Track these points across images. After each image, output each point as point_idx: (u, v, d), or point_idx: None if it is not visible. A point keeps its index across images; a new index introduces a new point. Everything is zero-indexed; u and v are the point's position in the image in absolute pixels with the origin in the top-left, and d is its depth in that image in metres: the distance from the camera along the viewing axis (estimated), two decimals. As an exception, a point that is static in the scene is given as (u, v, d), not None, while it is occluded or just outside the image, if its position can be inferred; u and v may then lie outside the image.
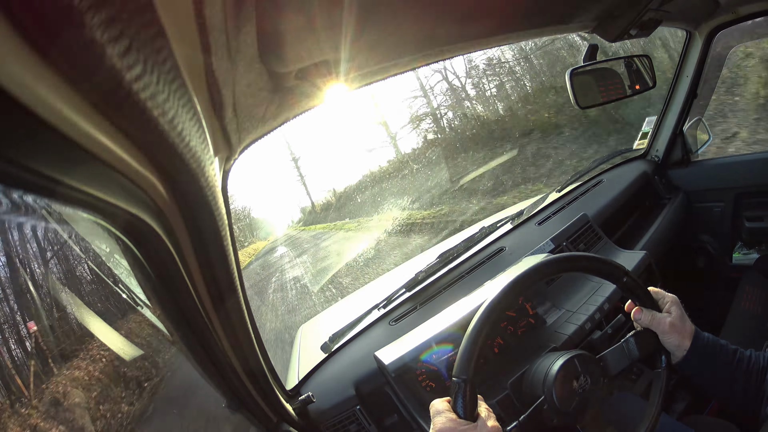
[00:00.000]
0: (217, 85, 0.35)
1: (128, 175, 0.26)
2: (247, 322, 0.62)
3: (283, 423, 0.82)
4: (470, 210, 7.18)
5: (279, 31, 0.40)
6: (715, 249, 1.67)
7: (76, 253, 4.99)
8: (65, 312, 4.74)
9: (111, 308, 4.94)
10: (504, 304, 0.67)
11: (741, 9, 1.18)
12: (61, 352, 4.40)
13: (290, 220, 30.80)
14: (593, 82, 1.08)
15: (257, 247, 23.77)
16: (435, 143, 9.92)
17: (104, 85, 0.18)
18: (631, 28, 0.97)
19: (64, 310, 4.76)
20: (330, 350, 1.13)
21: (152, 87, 0.20)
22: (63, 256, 5.16)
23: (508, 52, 9.01)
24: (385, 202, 11.68)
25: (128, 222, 0.31)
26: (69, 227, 0.42)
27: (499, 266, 1.24)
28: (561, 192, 1.64)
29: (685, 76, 1.45)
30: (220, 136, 0.45)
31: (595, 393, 0.69)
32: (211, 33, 0.30)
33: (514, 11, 0.72)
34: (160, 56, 0.20)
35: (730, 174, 1.53)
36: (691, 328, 0.73)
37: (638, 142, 1.75)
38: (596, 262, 0.74)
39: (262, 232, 28.98)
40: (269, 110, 0.54)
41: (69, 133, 0.19)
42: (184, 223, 0.37)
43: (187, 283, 0.43)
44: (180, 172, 0.30)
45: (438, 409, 0.62)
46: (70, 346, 4.45)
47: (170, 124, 0.24)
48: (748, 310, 1.35)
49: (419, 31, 0.59)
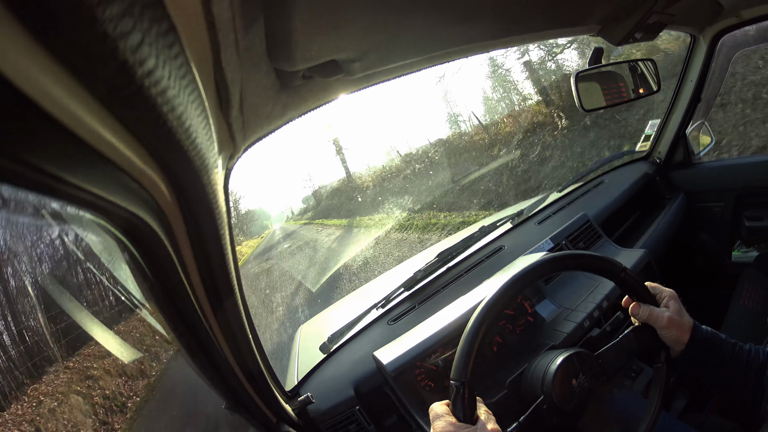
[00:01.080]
0: (224, 83, 0.35)
1: (131, 174, 0.26)
2: (245, 323, 0.61)
3: (283, 423, 0.82)
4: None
5: (287, 30, 0.40)
6: (714, 248, 1.68)
7: (74, 251, 4.96)
8: (60, 311, 4.71)
9: (108, 307, 4.92)
10: (501, 304, 0.67)
11: (745, 12, 1.19)
12: (58, 350, 4.38)
13: (288, 214, 30.77)
14: (598, 86, 1.08)
15: (252, 244, 23.67)
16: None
17: (115, 80, 0.18)
18: (636, 32, 0.96)
19: (59, 309, 4.74)
20: (329, 351, 1.12)
21: (163, 82, 0.20)
22: (60, 254, 5.13)
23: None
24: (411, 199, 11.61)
25: (128, 221, 0.30)
26: (67, 226, 0.41)
27: (497, 265, 1.25)
28: (562, 192, 1.64)
29: (690, 80, 1.45)
30: (225, 133, 0.45)
31: (595, 391, 0.69)
32: (220, 31, 0.29)
33: (519, 14, 0.72)
34: (172, 51, 0.20)
35: (731, 176, 1.54)
36: (689, 322, 0.73)
37: (641, 144, 1.76)
38: (593, 259, 0.74)
39: (257, 227, 28.92)
40: (275, 109, 0.54)
41: (75, 129, 0.19)
42: (184, 223, 0.36)
43: (185, 283, 0.43)
44: (184, 171, 0.29)
45: (437, 413, 0.62)
46: (64, 345, 4.43)
47: (179, 120, 0.23)
48: (747, 307, 1.36)
49: (425, 32, 0.59)
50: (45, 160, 0.19)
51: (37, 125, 0.17)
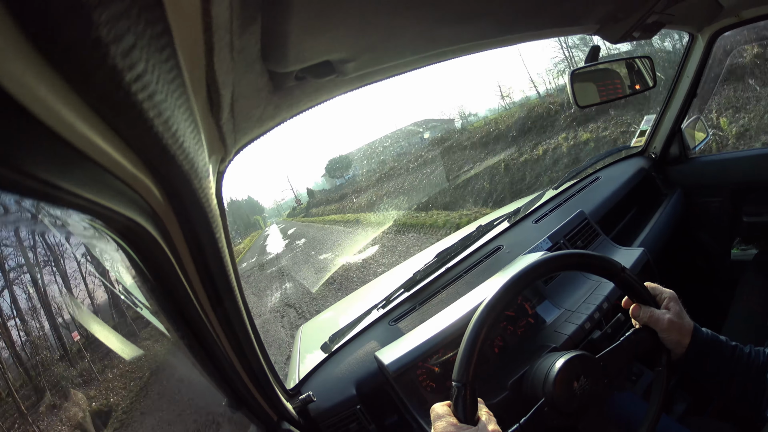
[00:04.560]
0: (216, 85, 0.35)
1: (123, 179, 0.26)
2: (246, 321, 0.62)
3: (284, 421, 0.82)
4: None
5: (283, 30, 0.40)
6: (713, 245, 1.67)
7: (73, 255, 4.97)
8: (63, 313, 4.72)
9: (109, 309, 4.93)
10: (501, 305, 0.67)
11: (744, 12, 1.18)
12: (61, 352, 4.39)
13: (285, 210, 30.58)
14: (593, 83, 1.08)
15: (247, 243, 23.37)
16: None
17: (104, 85, 0.18)
18: (635, 31, 0.96)
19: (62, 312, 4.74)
20: (330, 350, 1.13)
21: (151, 87, 0.20)
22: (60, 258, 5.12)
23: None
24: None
25: (124, 225, 0.31)
26: (66, 230, 0.42)
27: (496, 264, 1.25)
28: (558, 189, 1.63)
29: (686, 76, 1.45)
30: (216, 137, 0.45)
31: (596, 393, 0.69)
32: (216, 32, 0.29)
33: (517, 13, 0.71)
34: (162, 55, 0.20)
35: (728, 170, 1.53)
36: (690, 324, 0.73)
37: (636, 139, 1.75)
38: (592, 259, 0.74)
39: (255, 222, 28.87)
40: (267, 110, 0.53)
41: (65, 135, 0.19)
42: (180, 226, 0.37)
43: (185, 284, 0.43)
44: (174, 175, 0.29)
45: (438, 414, 0.62)
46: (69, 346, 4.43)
47: (165, 125, 0.23)
48: (747, 307, 1.35)
49: (420, 32, 0.58)
50: (36, 166, 0.19)
51: (27, 130, 0.17)
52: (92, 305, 4.92)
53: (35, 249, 5.02)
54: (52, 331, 4.53)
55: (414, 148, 18.63)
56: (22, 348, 4.32)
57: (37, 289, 4.83)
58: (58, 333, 4.56)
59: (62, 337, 4.55)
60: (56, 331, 4.57)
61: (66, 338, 4.52)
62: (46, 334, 4.49)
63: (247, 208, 35.38)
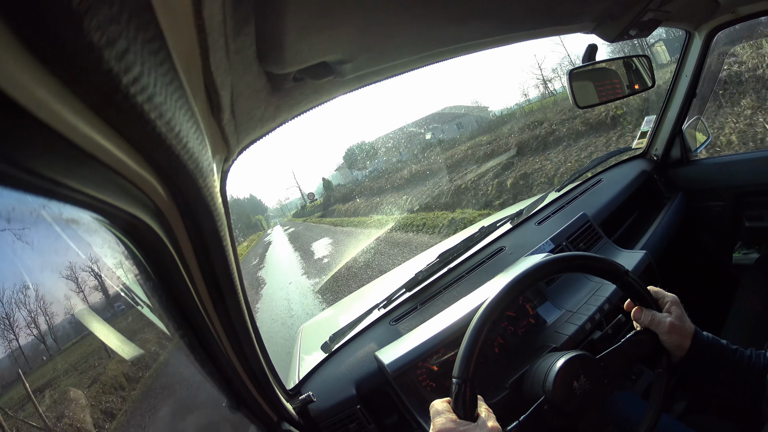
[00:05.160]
0: (214, 87, 0.35)
1: (127, 177, 0.26)
2: (247, 322, 0.62)
3: (284, 422, 0.82)
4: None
5: (278, 32, 0.40)
6: (715, 249, 1.66)
7: (76, 252, 4.98)
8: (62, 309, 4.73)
9: (110, 307, 4.94)
10: (503, 305, 0.68)
11: (741, 9, 1.18)
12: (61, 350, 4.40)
13: (287, 211, 30.01)
14: (592, 83, 1.08)
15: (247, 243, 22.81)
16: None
17: (102, 88, 0.18)
18: (631, 29, 0.96)
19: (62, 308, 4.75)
20: (330, 350, 1.13)
21: (149, 89, 0.20)
22: (62, 255, 5.14)
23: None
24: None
25: (128, 223, 0.31)
26: (69, 227, 0.42)
27: (499, 266, 1.24)
28: (560, 191, 1.63)
29: (684, 75, 1.45)
30: (219, 137, 0.45)
31: (595, 393, 0.69)
32: (210, 34, 0.30)
33: (513, 13, 0.72)
34: (157, 58, 0.20)
35: (730, 173, 1.52)
36: (691, 328, 0.73)
37: (637, 141, 1.75)
38: (596, 261, 0.74)
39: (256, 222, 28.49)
40: (267, 111, 0.54)
41: (68, 135, 0.19)
42: (184, 224, 0.37)
43: (187, 282, 0.43)
44: (178, 174, 0.30)
45: (438, 410, 0.62)
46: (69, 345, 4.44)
47: (167, 126, 0.24)
48: (748, 309, 1.34)
49: (418, 32, 0.59)
50: (41, 164, 0.20)
51: (30, 131, 0.18)
52: (91, 303, 4.94)
53: (38, 247, 5.02)
54: (49, 328, 4.54)
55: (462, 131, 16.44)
56: (19, 349, 4.31)
57: (37, 288, 4.83)
58: (55, 333, 4.56)
59: (59, 335, 4.54)
60: (52, 328, 4.56)
61: (63, 335, 4.53)
62: (43, 333, 4.49)
63: (249, 208, 35.09)
